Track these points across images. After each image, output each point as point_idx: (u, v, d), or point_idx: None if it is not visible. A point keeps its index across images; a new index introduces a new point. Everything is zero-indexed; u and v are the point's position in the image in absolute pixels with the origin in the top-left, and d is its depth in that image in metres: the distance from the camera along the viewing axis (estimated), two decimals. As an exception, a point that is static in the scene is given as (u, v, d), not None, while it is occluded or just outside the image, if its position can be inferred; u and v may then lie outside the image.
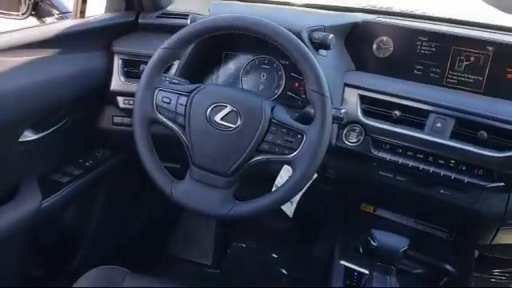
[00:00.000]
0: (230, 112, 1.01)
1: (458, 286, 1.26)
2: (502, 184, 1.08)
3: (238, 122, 1.01)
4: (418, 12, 1.42)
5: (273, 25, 1.00)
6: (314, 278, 1.79)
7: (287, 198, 1.00)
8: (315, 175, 1.18)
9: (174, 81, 1.13)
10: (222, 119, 1.02)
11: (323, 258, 1.73)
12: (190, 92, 1.05)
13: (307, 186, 1.06)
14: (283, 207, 1.20)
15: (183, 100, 1.04)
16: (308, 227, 1.85)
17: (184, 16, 1.36)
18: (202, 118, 1.02)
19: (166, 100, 1.06)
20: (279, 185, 1.03)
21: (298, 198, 1.22)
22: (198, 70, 1.29)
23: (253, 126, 1.00)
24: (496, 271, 1.88)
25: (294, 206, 1.26)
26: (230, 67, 1.32)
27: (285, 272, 1.89)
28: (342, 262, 1.26)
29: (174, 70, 1.26)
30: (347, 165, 1.25)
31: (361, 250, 1.35)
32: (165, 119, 1.06)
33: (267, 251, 1.95)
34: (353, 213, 1.43)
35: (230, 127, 1.01)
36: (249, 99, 1.04)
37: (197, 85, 1.07)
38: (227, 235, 1.99)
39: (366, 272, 1.16)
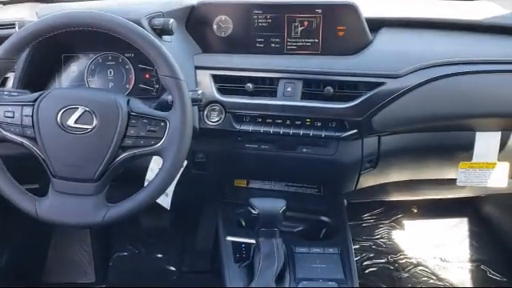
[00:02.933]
0: (83, 113, 0.97)
1: (335, 234, 1.36)
2: (355, 131, 1.18)
3: (95, 122, 0.96)
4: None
5: (110, 16, 0.96)
6: (205, 265, 1.80)
7: (162, 190, 0.99)
8: (185, 162, 1.19)
9: (13, 93, 1.04)
10: (75, 122, 0.96)
11: (209, 242, 1.74)
12: (35, 100, 0.98)
13: (179, 174, 1.06)
14: (159, 201, 1.18)
15: (28, 110, 0.97)
16: (189, 216, 1.85)
17: (10, 25, 1.25)
18: (54, 126, 0.96)
19: (9, 114, 0.98)
20: (151, 179, 1.01)
21: (172, 188, 1.21)
22: (38, 78, 1.20)
23: (111, 124, 0.96)
24: (365, 216, 2.06)
25: (170, 197, 1.25)
26: (73, 70, 1.25)
27: (173, 269, 1.88)
28: (228, 239, 1.28)
29: (10, 83, 1.16)
30: (214, 145, 1.28)
31: (243, 223, 1.40)
32: (11, 135, 0.98)
33: (152, 253, 1.91)
34: (228, 190, 1.46)
35: (87, 129, 0.96)
36: (101, 96, 1.00)
37: (40, 92, 1.00)
38: (106, 246, 1.91)
39: (253, 241, 1.20)
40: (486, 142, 1.26)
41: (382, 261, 1.91)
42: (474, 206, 2.04)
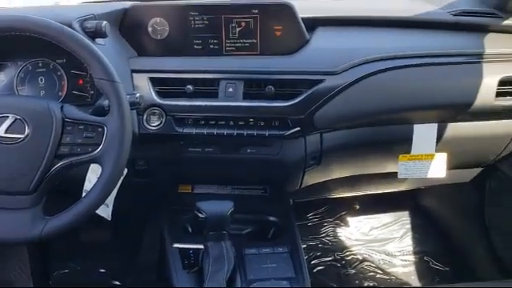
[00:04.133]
0: (13, 122, 0.91)
1: (283, 233, 1.35)
2: (298, 129, 1.18)
3: (27, 131, 0.91)
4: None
5: (39, 19, 0.92)
6: (151, 276, 1.74)
7: (101, 200, 0.94)
8: (126, 170, 1.15)
9: None
10: (6, 132, 0.91)
11: (155, 252, 1.69)
12: None
13: (119, 183, 1.02)
14: (99, 212, 1.13)
15: None
16: (132, 226, 1.79)
17: None
18: None
19: None
20: (89, 189, 0.96)
21: (112, 198, 1.17)
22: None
23: (44, 131, 0.91)
24: (310, 215, 2.08)
25: (111, 207, 1.20)
26: (1, 79, 1.18)
27: (118, 283, 1.81)
28: (175, 246, 1.25)
29: None
30: (156, 151, 1.24)
31: (190, 229, 1.37)
32: None
33: (94, 268, 1.83)
34: (173, 197, 1.43)
35: (18, 138, 0.91)
36: (33, 103, 0.95)
37: None
38: (45, 265, 1.81)
39: (201, 246, 1.17)
40: (424, 134, 1.30)
41: (329, 259, 1.93)
42: (414, 199, 2.11)
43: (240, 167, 1.29)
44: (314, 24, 1.28)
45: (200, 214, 1.10)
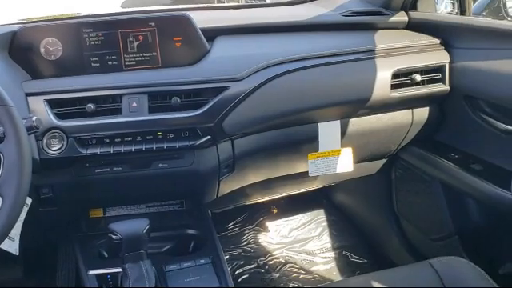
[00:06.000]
0: None
1: (204, 244, 1.34)
2: (209, 137, 1.18)
3: None
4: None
5: None
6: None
7: (4, 234, 0.86)
8: (29, 200, 1.08)
9: None
10: None
11: (71, 283, 1.60)
12: None
13: (24, 215, 0.95)
14: (4, 247, 1.05)
15: None
16: (44, 259, 1.68)
17: None
18: None
19: None
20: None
21: (18, 231, 1.09)
22: None
23: None
24: (230, 225, 2.08)
25: (17, 241, 1.11)
26: None
27: None
28: (91, 272, 1.19)
29: None
30: (60, 176, 1.17)
31: (105, 254, 1.31)
32: None
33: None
34: (84, 224, 1.36)
35: None
36: None
37: None
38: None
39: (119, 269, 1.12)
40: (329, 132, 1.35)
41: (253, 266, 1.93)
42: (328, 196, 2.18)
43: (153, 183, 1.26)
44: (213, 34, 1.29)
45: (114, 236, 1.06)
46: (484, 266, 1.11)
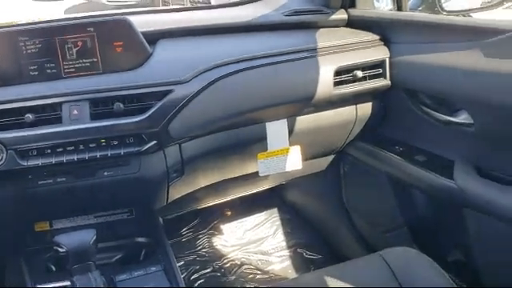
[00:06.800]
0: None
1: (155, 252, 1.32)
2: (155, 142, 1.16)
3: None
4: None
5: None
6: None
7: None
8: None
9: None
10: None
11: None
12: None
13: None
14: None
15: None
16: None
17: None
18: None
19: None
20: None
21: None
22: None
23: None
24: (184, 230, 2.06)
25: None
26: None
27: None
28: (39, 287, 1.15)
29: None
30: (2, 190, 1.13)
31: (53, 268, 1.26)
32: None
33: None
34: (30, 238, 1.31)
35: None
36: None
37: None
38: None
39: (67, 283, 1.09)
40: (276, 130, 1.36)
41: (208, 270, 1.92)
42: (280, 195, 2.19)
43: (100, 192, 1.23)
44: (155, 37, 1.27)
45: (60, 249, 1.02)
46: (433, 254, 1.15)
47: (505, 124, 1.13)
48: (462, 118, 1.28)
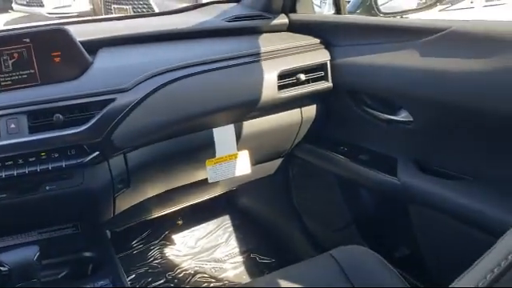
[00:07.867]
0: None
1: (103, 266, 1.28)
2: (97, 153, 1.13)
3: None
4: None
5: None
6: None
7: None
8: None
9: None
10: None
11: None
12: None
13: None
14: None
15: None
16: None
17: None
18: None
19: None
20: None
21: None
22: None
23: None
24: (134, 242, 2.01)
25: None
26: None
27: None
28: None
29: None
30: None
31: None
32: None
33: None
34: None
35: None
36: None
37: None
38: None
39: None
40: (224, 136, 1.36)
41: (161, 281, 1.88)
42: (231, 201, 2.18)
43: (43, 208, 1.18)
44: (96, 46, 1.24)
45: (2, 268, 0.98)
46: (382, 250, 1.18)
47: (441, 120, 1.18)
48: (403, 116, 1.32)
